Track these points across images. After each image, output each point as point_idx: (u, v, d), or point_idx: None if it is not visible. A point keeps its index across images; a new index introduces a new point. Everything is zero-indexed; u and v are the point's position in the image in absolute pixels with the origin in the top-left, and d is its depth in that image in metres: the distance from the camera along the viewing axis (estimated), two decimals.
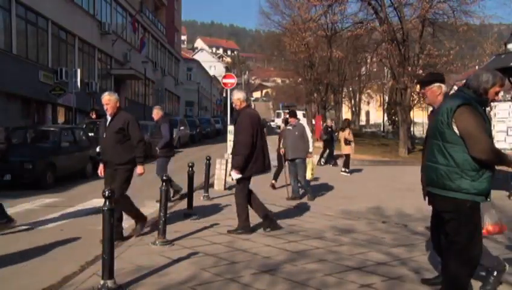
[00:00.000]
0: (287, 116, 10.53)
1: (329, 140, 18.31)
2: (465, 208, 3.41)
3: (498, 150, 3.51)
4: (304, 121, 10.14)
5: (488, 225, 3.71)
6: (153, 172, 6.81)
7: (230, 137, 14.86)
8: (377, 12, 23.04)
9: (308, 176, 9.82)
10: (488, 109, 6.09)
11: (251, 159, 6.27)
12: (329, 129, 18.69)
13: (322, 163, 17.82)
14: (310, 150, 9.85)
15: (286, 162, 10.06)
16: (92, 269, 4.71)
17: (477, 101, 3.46)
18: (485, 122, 3.42)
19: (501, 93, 5.48)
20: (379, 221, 7.52)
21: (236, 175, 6.28)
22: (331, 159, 18.23)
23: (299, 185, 9.81)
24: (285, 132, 10.40)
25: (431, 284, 4.27)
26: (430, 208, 3.91)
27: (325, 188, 12.00)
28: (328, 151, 18.39)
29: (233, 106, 6.74)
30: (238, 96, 6.63)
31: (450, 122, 3.38)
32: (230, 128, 15.36)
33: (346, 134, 14.93)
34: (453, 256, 3.53)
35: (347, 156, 15.10)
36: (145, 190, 10.67)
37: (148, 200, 9.17)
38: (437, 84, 4.34)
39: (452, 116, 3.37)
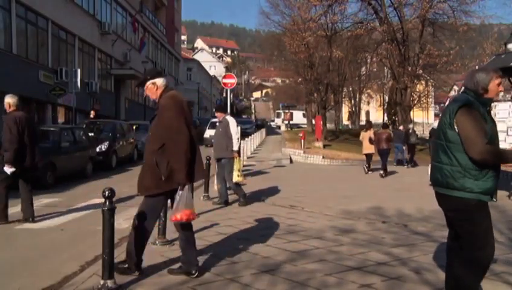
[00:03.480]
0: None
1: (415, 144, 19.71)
2: (470, 207, 3.41)
3: (498, 150, 3.50)
4: (230, 117, 9.16)
5: (181, 211, 4.13)
6: None
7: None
8: (377, 12, 23.07)
9: (235, 178, 8.66)
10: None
11: (19, 155, 7.01)
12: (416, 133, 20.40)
13: (410, 166, 18.97)
14: (234, 148, 8.71)
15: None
16: (92, 269, 4.70)
17: (479, 102, 3.48)
18: (486, 123, 3.42)
19: (501, 93, 5.46)
20: (379, 221, 7.51)
21: (9, 169, 6.93)
22: (411, 162, 19.36)
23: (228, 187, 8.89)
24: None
25: (175, 273, 4.44)
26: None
27: (325, 188, 12.01)
28: (411, 153, 19.52)
29: (5, 107, 7.25)
30: (8, 100, 7.18)
31: (452, 123, 3.43)
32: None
33: (370, 134, 15.70)
34: (457, 256, 3.53)
35: (371, 155, 15.93)
36: None
37: None
38: (150, 81, 4.34)
39: (454, 117, 3.42)
